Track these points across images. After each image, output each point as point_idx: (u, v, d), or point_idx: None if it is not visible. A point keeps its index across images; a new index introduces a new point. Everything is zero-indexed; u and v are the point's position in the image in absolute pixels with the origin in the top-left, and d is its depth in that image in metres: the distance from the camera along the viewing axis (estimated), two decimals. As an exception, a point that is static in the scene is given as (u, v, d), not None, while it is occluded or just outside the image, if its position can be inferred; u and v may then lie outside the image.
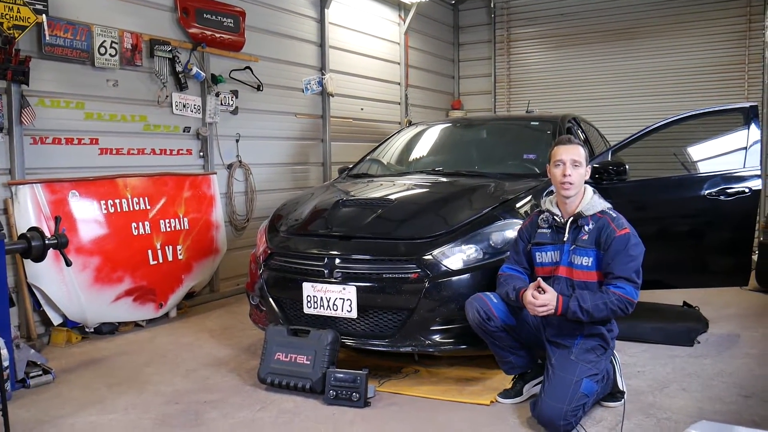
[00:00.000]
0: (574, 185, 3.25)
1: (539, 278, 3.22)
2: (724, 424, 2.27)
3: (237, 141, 6.28)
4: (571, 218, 3.27)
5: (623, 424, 3.11)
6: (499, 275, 3.43)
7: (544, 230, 3.35)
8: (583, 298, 3.10)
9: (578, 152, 3.28)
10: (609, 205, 3.31)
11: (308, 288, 3.78)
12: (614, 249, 3.14)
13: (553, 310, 3.12)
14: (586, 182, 3.36)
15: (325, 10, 7.37)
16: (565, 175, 3.23)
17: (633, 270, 3.12)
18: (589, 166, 3.36)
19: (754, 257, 5.64)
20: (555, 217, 3.32)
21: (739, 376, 3.81)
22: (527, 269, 3.40)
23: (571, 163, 3.25)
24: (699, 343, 4.45)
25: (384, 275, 3.67)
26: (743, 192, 4.29)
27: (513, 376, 3.55)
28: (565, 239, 3.27)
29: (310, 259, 3.88)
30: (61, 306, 4.57)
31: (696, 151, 4.84)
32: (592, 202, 3.27)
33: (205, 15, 5.81)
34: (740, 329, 4.80)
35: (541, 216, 3.39)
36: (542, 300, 3.12)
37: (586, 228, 3.22)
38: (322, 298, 3.74)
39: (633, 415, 3.25)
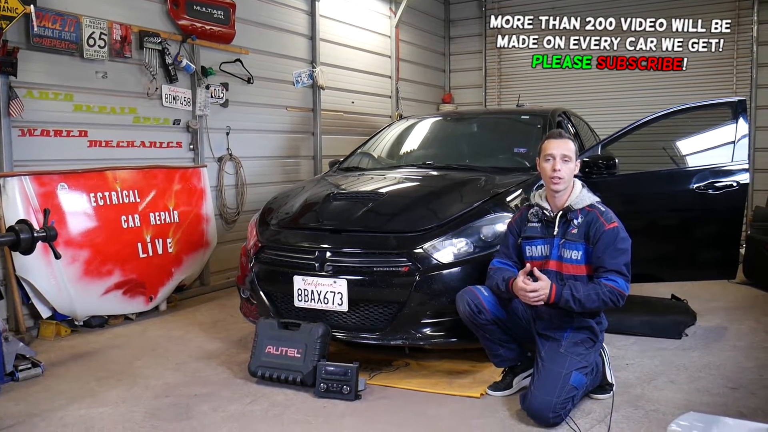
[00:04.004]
0: (563, 180, 3.26)
1: (531, 266, 3.22)
2: (711, 415, 2.29)
3: (227, 134, 6.25)
4: (561, 212, 3.28)
5: (612, 416, 3.14)
6: (489, 268, 3.44)
7: (534, 224, 3.36)
8: (575, 287, 3.11)
9: (568, 147, 3.29)
10: (598, 199, 3.32)
11: (299, 281, 3.78)
12: (603, 243, 3.16)
13: (545, 298, 3.11)
14: (575, 176, 3.37)
15: (316, 2, 7.34)
16: (555, 170, 3.24)
17: (623, 263, 3.15)
18: (579, 160, 3.36)
19: (742, 251, 5.68)
20: (545, 211, 3.33)
21: (726, 369, 3.85)
22: (517, 263, 3.40)
23: (561, 158, 3.25)
24: (687, 335, 4.49)
25: (375, 269, 3.67)
26: (731, 186, 4.32)
27: (503, 368, 3.56)
28: (554, 233, 3.28)
29: (301, 252, 3.87)
30: (50, 299, 4.55)
31: (685, 145, 4.87)
32: (581, 196, 3.29)
33: (195, 7, 5.77)
34: (728, 322, 4.85)
35: (531, 210, 3.40)
36: (533, 286, 3.11)
37: (576, 222, 3.24)
38: (312, 291, 3.74)
39: (621, 407, 3.28)
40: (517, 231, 3.44)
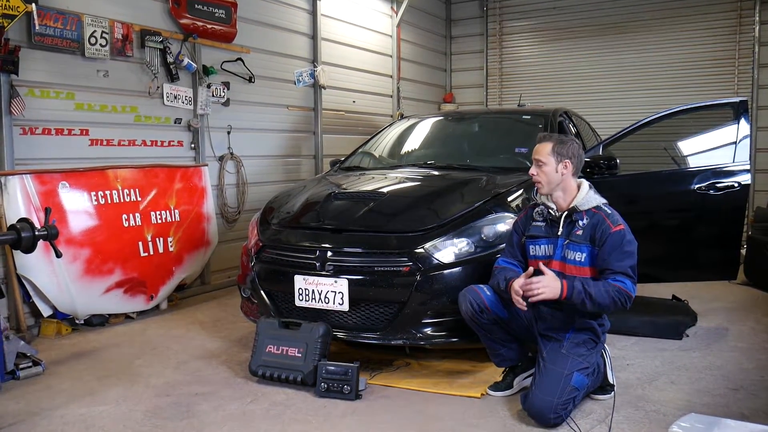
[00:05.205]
0: (541, 183, 3.28)
1: (534, 265, 3.21)
2: (712, 416, 2.29)
3: (228, 133, 6.25)
4: (566, 212, 3.27)
5: (612, 417, 3.14)
6: (494, 267, 3.43)
7: (539, 223, 3.35)
8: (587, 282, 3.08)
9: (542, 150, 3.27)
10: (604, 201, 3.29)
11: (300, 281, 3.78)
12: (610, 245, 3.14)
13: (555, 294, 3.04)
14: (581, 177, 3.36)
15: (318, 1, 7.34)
16: (531, 175, 3.28)
17: (629, 266, 3.12)
18: (566, 161, 3.24)
19: (743, 251, 5.68)
20: (550, 210, 3.32)
21: (727, 369, 3.85)
22: (522, 262, 3.39)
23: (535, 163, 3.27)
24: (688, 336, 4.48)
25: (376, 268, 3.67)
26: (732, 186, 4.32)
27: (504, 368, 3.56)
28: (559, 233, 3.27)
29: (302, 251, 3.87)
30: (51, 297, 4.55)
31: (686, 146, 4.86)
32: (587, 197, 3.27)
33: (196, 5, 5.78)
34: (728, 323, 4.85)
35: (537, 209, 3.39)
36: (537, 278, 3.05)
37: (581, 223, 3.22)
38: (313, 290, 3.74)
39: (622, 407, 3.28)
40: (521, 230, 3.43)
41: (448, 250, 3.67)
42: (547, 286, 3.06)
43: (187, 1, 5.69)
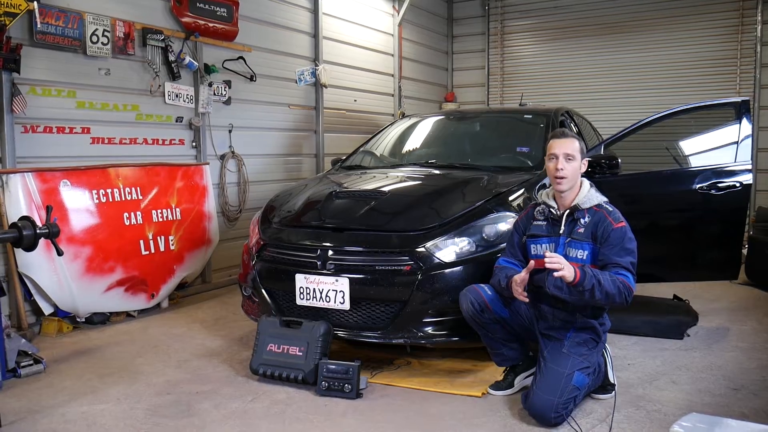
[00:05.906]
0: (567, 179, 3.25)
1: (536, 264, 3.20)
2: (713, 416, 2.28)
3: (230, 131, 6.25)
4: (567, 211, 3.27)
5: (613, 417, 3.14)
6: (495, 267, 3.43)
7: (540, 222, 3.35)
8: (594, 270, 3.06)
9: (571, 146, 3.27)
10: (605, 199, 3.30)
11: (301, 279, 3.78)
12: (612, 241, 3.14)
13: (571, 274, 2.97)
14: (582, 175, 3.36)
15: (319, 0, 7.34)
16: (557, 169, 3.24)
17: (630, 262, 3.13)
18: (585, 159, 3.34)
19: (744, 251, 5.67)
20: (551, 209, 3.32)
21: (728, 369, 3.84)
22: (522, 262, 3.38)
23: (564, 157, 3.24)
24: (689, 336, 4.48)
25: (377, 267, 3.67)
26: (734, 186, 4.31)
27: (504, 368, 3.56)
28: (561, 232, 3.26)
29: (303, 250, 3.87)
30: (53, 296, 4.55)
31: (688, 145, 4.86)
32: (588, 196, 3.27)
33: (198, 4, 5.78)
34: (730, 323, 4.84)
35: (538, 208, 3.38)
36: (557, 257, 2.99)
37: (582, 221, 3.22)
38: (314, 289, 3.74)
39: (623, 407, 3.27)
40: (522, 229, 3.42)
41: (449, 250, 3.66)
42: (565, 264, 2.99)
43: (188, -1, 5.70)
